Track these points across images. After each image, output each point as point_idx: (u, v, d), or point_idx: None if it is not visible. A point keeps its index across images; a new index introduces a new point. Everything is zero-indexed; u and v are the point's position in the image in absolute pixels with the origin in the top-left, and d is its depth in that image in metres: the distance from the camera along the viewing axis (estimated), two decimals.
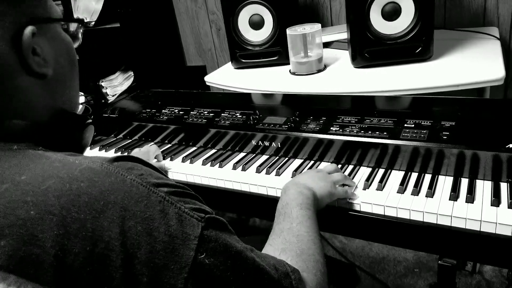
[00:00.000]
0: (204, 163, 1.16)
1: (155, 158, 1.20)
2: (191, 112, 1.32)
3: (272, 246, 0.69)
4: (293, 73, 1.60)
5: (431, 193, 0.88)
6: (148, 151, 1.15)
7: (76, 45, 0.65)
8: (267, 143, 1.14)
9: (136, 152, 1.19)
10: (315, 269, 0.65)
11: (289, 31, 1.55)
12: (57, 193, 0.45)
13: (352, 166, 1.04)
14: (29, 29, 0.53)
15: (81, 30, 0.67)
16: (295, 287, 0.57)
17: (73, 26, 0.65)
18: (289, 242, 0.68)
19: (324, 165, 1.01)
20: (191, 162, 1.18)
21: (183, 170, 1.15)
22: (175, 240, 0.47)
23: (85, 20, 1.95)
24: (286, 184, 0.85)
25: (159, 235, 0.46)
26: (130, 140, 1.40)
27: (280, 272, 0.57)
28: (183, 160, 1.20)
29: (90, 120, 0.65)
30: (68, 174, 0.47)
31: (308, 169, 1.04)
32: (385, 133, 1.00)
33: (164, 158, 1.22)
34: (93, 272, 0.43)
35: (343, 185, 0.92)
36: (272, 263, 0.57)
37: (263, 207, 1.02)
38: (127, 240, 0.45)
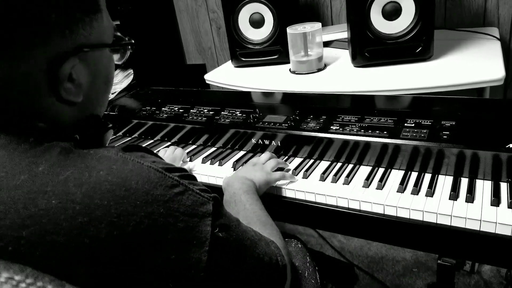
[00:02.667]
0: (204, 161, 1.16)
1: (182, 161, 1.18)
2: (191, 110, 1.32)
3: None
4: (293, 72, 1.60)
5: (431, 192, 0.88)
6: (175, 157, 1.13)
7: (120, 62, 0.65)
8: (267, 142, 1.14)
9: (162, 155, 1.16)
10: (278, 235, 0.76)
11: (289, 30, 1.55)
12: (77, 182, 0.46)
13: (352, 165, 1.04)
14: (70, 62, 0.52)
15: (130, 51, 0.66)
16: (276, 252, 0.66)
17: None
18: (249, 217, 0.78)
19: (264, 156, 1.05)
20: (191, 160, 1.18)
21: (183, 165, 1.15)
22: (193, 218, 0.51)
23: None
24: (226, 180, 0.94)
25: (179, 215, 0.50)
26: (130, 138, 1.40)
27: (263, 241, 0.66)
28: None
29: (111, 125, 0.66)
30: (86, 164, 0.48)
31: (308, 167, 1.04)
32: (385, 132, 1.00)
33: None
34: (122, 255, 0.45)
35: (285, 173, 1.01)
36: (257, 233, 0.66)
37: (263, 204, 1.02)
38: (152, 222, 0.47)
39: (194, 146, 1.26)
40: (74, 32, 0.52)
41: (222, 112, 1.26)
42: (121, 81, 2.23)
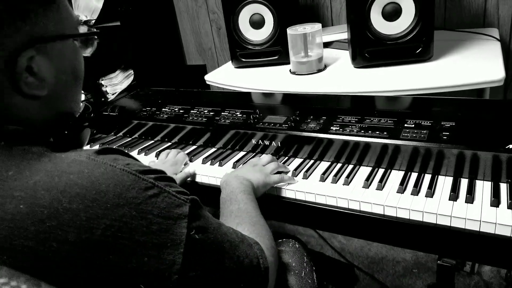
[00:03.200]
0: (204, 162, 1.16)
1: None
2: (191, 111, 1.32)
3: (227, 223, 0.72)
4: (293, 73, 1.60)
5: (430, 193, 0.88)
6: (177, 161, 1.13)
7: (88, 53, 0.64)
8: (267, 142, 1.14)
9: (162, 160, 1.15)
10: (267, 235, 0.75)
11: (289, 31, 1.55)
12: (46, 186, 0.45)
13: (352, 165, 1.04)
14: (26, 53, 0.51)
15: (96, 41, 0.65)
16: (259, 254, 0.65)
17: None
18: (241, 217, 0.78)
19: (265, 158, 1.05)
20: (191, 161, 1.18)
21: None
22: (168, 220, 0.51)
23: (86, 18, 1.94)
24: (225, 178, 0.94)
25: (153, 217, 0.49)
26: (130, 138, 1.40)
27: (245, 243, 0.65)
28: None
29: (87, 123, 0.65)
30: (56, 168, 0.47)
31: (307, 168, 1.05)
32: (385, 133, 1.00)
33: None
34: (92, 258, 0.44)
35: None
36: (239, 235, 0.65)
37: (263, 205, 1.02)
38: (124, 225, 0.47)
39: (194, 147, 1.26)
40: (28, 23, 0.51)
41: (222, 113, 1.26)
42: (121, 81, 2.23)
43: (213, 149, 1.23)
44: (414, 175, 0.96)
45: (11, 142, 0.51)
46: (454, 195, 0.86)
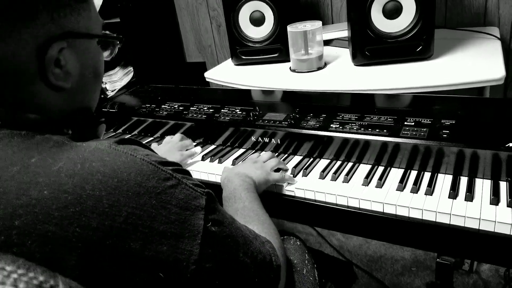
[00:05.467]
0: (203, 159, 1.16)
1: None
2: (191, 108, 1.32)
3: None
4: (293, 70, 1.60)
5: (430, 191, 0.88)
6: (183, 145, 1.17)
7: (109, 58, 0.66)
8: (266, 140, 1.14)
9: (167, 141, 1.19)
10: (276, 235, 0.76)
11: (289, 28, 1.55)
12: (69, 173, 0.46)
13: (352, 163, 1.04)
14: (57, 45, 0.53)
15: (118, 46, 0.67)
16: (271, 252, 0.66)
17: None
18: (248, 216, 0.78)
19: (265, 155, 1.05)
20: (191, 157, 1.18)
21: (182, 165, 1.15)
22: (186, 211, 0.52)
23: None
24: (226, 175, 0.94)
25: (172, 207, 0.50)
26: (130, 135, 1.39)
27: (258, 240, 0.66)
28: None
29: (103, 119, 0.67)
30: (78, 155, 0.48)
31: (307, 165, 1.04)
32: (385, 130, 1.00)
33: None
34: (113, 245, 0.45)
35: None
36: (252, 232, 0.66)
37: (262, 202, 1.02)
38: (144, 213, 0.48)
39: (194, 144, 1.26)
40: (62, 16, 0.54)
41: (222, 110, 1.26)
42: (121, 78, 2.23)
43: (213, 146, 1.23)
44: (413, 173, 0.96)
45: (32, 131, 0.52)
46: (453, 193, 0.86)
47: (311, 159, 1.09)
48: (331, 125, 1.06)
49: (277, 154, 1.13)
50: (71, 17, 0.55)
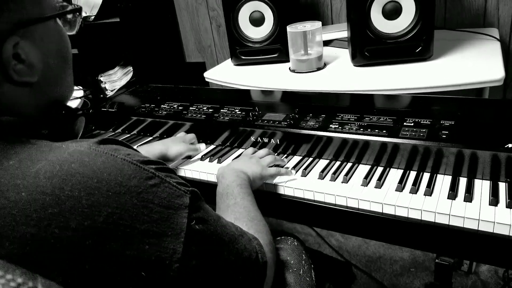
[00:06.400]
0: (202, 159, 1.16)
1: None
2: (190, 108, 1.32)
3: (225, 217, 0.72)
4: (293, 71, 1.60)
5: (429, 191, 0.88)
6: (185, 138, 1.17)
7: (72, 32, 0.63)
8: (266, 140, 1.14)
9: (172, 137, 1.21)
10: (265, 231, 0.75)
11: (289, 29, 1.55)
12: (48, 175, 0.45)
13: (351, 163, 1.03)
14: (10, 40, 0.51)
15: (79, 18, 0.64)
16: (258, 249, 0.65)
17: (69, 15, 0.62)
18: (238, 212, 0.78)
19: (261, 152, 1.06)
20: (190, 157, 1.18)
21: (182, 165, 1.15)
22: (169, 210, 0.51)
23: (86, 14, 1.94)
24: (221, 170, 0.94)
25: (154, 206, 0.49)
26: (129, 135, 1.39)
27: (245, 237, 0.65)
28: None
29: (80, 112, 0.65)
30: (57, 157, 0.47)
31: (306, 165, 1.04)
32: (384, 131, 1.00)
33: None
34: (93, 245, 0.44)
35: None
36: (238, 230, 0.66)
37: (261, 202, 1.02)
38: (125, 213, 0.47)
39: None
40: (5, 10, 0.51)
41: (221, 110, 1.26)
42: (120, 78, 2.23)
43: (212, 146, 1.23)
44: (413, 174, 0.96)
45: (8, 133, 0.51)
46: (452, 193, 0.86)
47: (310, 159, 1.08)
48: (331, 126, 1.06)
49: (276, 154, 1.13)
50: (16, 8, 0.52)
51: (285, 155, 1.12)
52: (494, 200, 0.82)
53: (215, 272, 0.57)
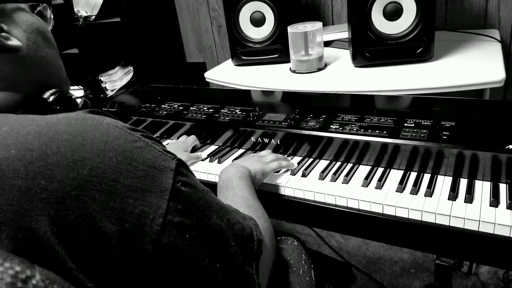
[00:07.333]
0: (203, 159, 1.16)
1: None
2: (191, 108, 1.32)
3: None
4: (294, 71, 1.60)
5: (430, 192, 0.88)
6: (187, 142, 1.19)
7: (49, 27, 0.69)
8: (266, 140, 1.14)
9: (173, 142, 1.23)
10: (264, 217, 0.75)
11: (290, 29, 1.55)
12: (36, 135, 0.48)
13: (351, 164, 1.03)
14: None
15: (49, 10, 0.70)
16: (253, 228, 0.64)
17: (39, 7, 0.68)
18: (236, 202, 0.78)
19: (263, 152, 1.09)
20: None
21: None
22: (153, 169, 0.51)
23: (86, 13, 1.94)
24: (223, 168, 0.94)
25: (138, 164, 0.50)
26: None
27: (240, 214, 0.65)
28: None
29: (71, 94, 0.69)
30: (46, 121, 0.50)
31: (307, 166, 1.04)
32: (384, 132, 1.00)
33: None
34: (78, 196, 0.45)
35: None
36: (233, 208, 0.65)
37: (262, 202, 1.02)
38: (109, 169, 0.48)
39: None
40: None
41: (222, 110, 1.26)
42: (120, 78, 2.23)
43: (212, 146, 1.23)
44: (413, 175, 0.96)
45: (5, 107, 0.55)
46: (453, 194, 0.86)
47: (311, 159, 1.08)
48: (331, 126, 1.06)
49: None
50: None
51: (286, 156, 1.12)
52: (494, 201, 0.82)
53: (203, 234, 0.54)
